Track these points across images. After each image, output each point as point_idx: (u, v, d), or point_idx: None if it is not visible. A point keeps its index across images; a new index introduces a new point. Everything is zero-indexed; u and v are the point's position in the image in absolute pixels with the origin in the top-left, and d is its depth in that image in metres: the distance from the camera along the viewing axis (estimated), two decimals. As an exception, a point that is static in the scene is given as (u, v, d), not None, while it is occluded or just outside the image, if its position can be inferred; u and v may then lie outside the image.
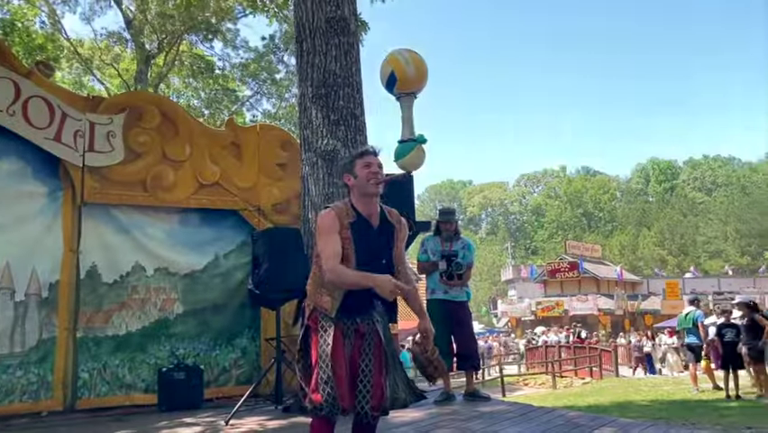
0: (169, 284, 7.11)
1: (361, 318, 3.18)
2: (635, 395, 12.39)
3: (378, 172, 3.24)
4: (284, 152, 7.78)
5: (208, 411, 6.33)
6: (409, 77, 4.28)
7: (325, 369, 3.00)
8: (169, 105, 7.61)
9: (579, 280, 43.38)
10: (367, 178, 3.21)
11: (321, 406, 2.95)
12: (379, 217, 3.30)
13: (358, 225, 3.20)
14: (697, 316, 12.25)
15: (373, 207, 3.28)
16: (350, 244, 3.16)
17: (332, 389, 2.95)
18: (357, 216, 3.23)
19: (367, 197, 3.25)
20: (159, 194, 7.10)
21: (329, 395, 2.95)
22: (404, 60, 4.29)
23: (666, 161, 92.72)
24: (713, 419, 7.34)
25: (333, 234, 3.16)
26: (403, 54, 4.36)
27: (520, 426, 4.92)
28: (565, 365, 23.40)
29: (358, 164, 3.27)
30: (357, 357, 3.12)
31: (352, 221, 3.20)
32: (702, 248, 68.91)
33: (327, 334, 3.09)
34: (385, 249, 3.28)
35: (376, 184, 3.22)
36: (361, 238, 3.18)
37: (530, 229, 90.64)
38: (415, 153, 4.24)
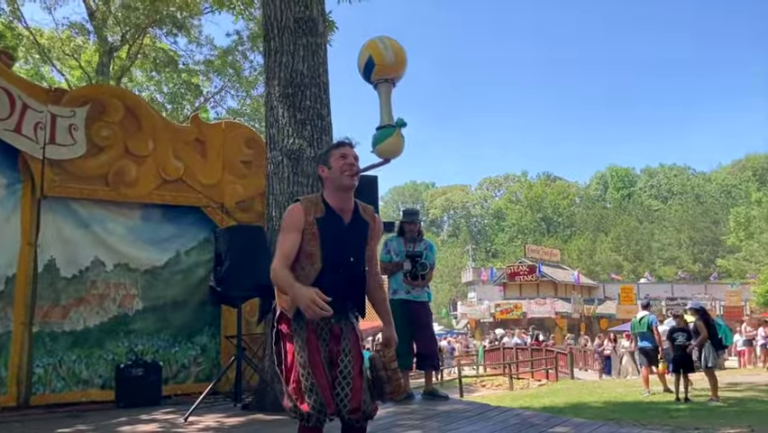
0: (129, 280, 7.04)
1: (336, 319, 3.02)
2: (589, 397, 12.66)
3: (353, 164, 3.11)
4: (249, 149, 7.78)
5: (167, 408, 6.29)
6: (388, 62, 4.27)
7: (308, 377, 2.88)
8: (133, 100, 7.54)
9: (537, 284, 44.06)
10: (342, 169, 3.07)
11: (309, 415, 2.85)
12: (352, 213, 3.15)
13: (327, 221, 3.05)
14: (651, 320, 12.56)
15: (347, 201, 3.13)
16: (315, 241, 3.01)
17: (317, 396, 2.84)
18: (327, 210, 3.08)
19: (341, 190, 3.10)
20: (120, 189, 7.03)
21: (315, 402, 2.84)
22: (383, 46, 4.29)
23: (624, 169, 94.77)
24: (663, 421, 7.58)
25: (291, 233, 3.02)
26: (382, 40, 4.38)
27: (477, 424, 5.03)
28: (522, 367, 23.74)
29: (333, 155, 3.12)
30: (336, 359, 2.99)
31: (320, 216, 3.05)
32: (657, 254, 70.61)
33: (302, 338, 2.96)
34: (356, 247, 3.13)
35: (351, 176, 3.08)
36: (329, 234, 3.03)
37: (491, 232, 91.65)
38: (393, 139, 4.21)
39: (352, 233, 3.12)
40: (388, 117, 5.15)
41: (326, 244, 3.02)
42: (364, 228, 3.18)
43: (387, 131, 5.18)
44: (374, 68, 4.42)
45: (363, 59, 4.62)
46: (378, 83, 5.42)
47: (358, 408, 2.93)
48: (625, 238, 71.53)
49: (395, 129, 4.70)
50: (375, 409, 3.05)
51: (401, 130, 4.69)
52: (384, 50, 4.40)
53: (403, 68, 4.49)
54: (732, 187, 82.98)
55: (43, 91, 7.03)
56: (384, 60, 4.36)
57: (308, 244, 3.01)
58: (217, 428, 5.24)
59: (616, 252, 70.10)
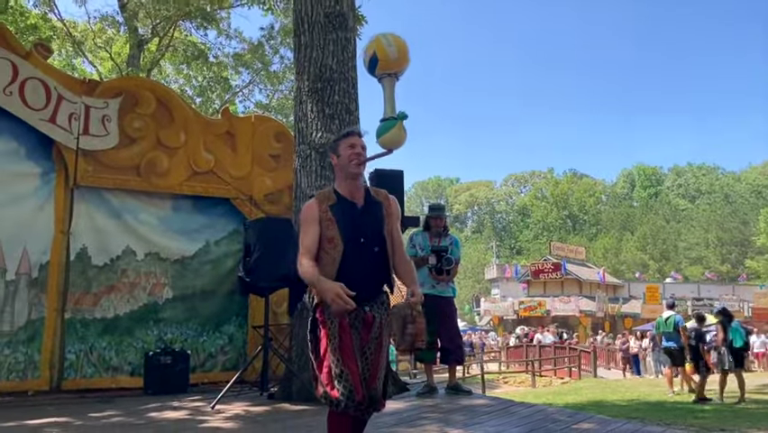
0: (159, 269, 7.18)
1: (369, 306, 3.13)
2: (612, 395, 12.61)
3: (360, 153, 3.25)
4: (278, 143, 7.87)
5: (194, 396, 6.42)
6: (391, 58, 4.42)
7: (338, 363, 2.98)
8: (165, 92, 7.67)
9: (562, 282, 43.73)
10: (349, 158, 3.22)
11: (339, 401, 2.95)
12: (363, 198, 3.28)
13: (340, 206, 3.19)
14: (678, 320, 12.41)
15: (356, 188, 3.27)
16: (333, 225, 3.14)
17: (347, 382, 2.94)
18: (338, 198, 3.22)
19: (349, 178, 3.25)
20: (152, 180, 7.16)
21: (345, 389, 2.94)
22: (386, 42, 4.41)
23: (651, 168, 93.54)
24: (688, 421, 7.53)
25: (310, 226, 3.15)
26: (386, 37, 4.50)
27: (500, 419, 5.05)
28: (546, 365, 23.65)
29: (342, 144, 3.27)
30: (364, 347, 3.10)
31: (332, 203, 3.19)
32: (683, 254, 69.66)
33: (335, 326, 3.04)
34: (373, 226, 3.23)
35: (358, 164, 3.23)
36: (344, 217, 3.16)
37: (515, 229, 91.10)
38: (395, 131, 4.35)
39: (366, 214, 3.23)
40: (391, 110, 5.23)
41: (344, 226, 3.15)
42: (378, 209, 3.28)
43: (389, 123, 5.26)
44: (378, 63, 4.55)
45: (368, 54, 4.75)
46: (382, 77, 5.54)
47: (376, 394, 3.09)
48: (651, 237, 70.66)
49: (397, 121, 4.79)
50: (383, 405, 3.17)
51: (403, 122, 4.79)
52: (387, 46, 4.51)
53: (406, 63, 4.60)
54: (762, 187, 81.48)
55: (78, 82, 7.18)
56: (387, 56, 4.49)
57: (327, 229, 3.14)
58: (244, 416, 5.33)
59: (642, 251, 69.30)
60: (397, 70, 4.66)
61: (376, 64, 4.48)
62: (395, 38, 4.56)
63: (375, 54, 4.39)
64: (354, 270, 3.06)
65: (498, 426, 4.80)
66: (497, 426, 4.79)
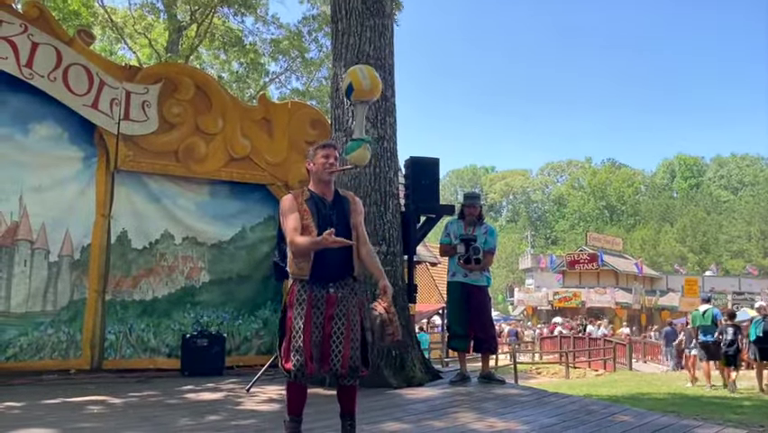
0: (197, 253, 7.29)
1: (335, 286, 3.65)
2: (648, 388, 12.45)
3: (333, 163, 3.79)
4: (314, 130, 7.89)
5: (229, 378, 6.53)
6: (364, 89, 5.10)
7: (297, 339, 3.51)
8: (204, 78, 7.74)
9: (598, 273, 43.17)
10: (323, 167, 3.77)
11: (290, 372, 3.52)
12: (333, 196, 3.85)
13: (313, 201, 3.75)
14: (716, 313, 12.31)
15: (327, 190, 3.83)
16: (308, 215, 3.69)
17: (300, 356, 3.48)
18: (311, 194, 3.79)
19: (321, 182, 3.81)
20: (190, 165, 7.25)
21: (297, 361, 3.48)
22: (361, 75, 5.06)
23: (693, 158, 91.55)
24: (725, 416, 7.39)
25: (291, 213, 3.69)
26: (362, 70, 5.11)
27: (534, 409, 5.03)
28: (580, 357, 23.45)
29: (318, 154, 3.81)
30: (328, 323, 3.59)
31: (306, 198, 3.75)
32: (724, 247, 68.20)
33: (301, 307, 3.57)
34: (339, 218, 3.76)
35: (329, 173, 3.79)
36: (317, 209, 3.72)
37: (551, 219, 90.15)
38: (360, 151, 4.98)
39: (334, 208, 3.80)
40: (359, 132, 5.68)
41: (317, 217, 3.70)
42: (346, 205, 3.86)
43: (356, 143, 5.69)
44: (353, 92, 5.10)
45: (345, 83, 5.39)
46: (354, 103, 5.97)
47: (345, 366, 3.55)
48: (691, 229, 69.24)
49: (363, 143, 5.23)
50: (365, 372, 3.68)
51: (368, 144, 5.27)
52: (362, 78, 5.15)
53: (377, 93, 5.39)
54: (809, 179, 79.17)
55: (119, 68, 7.29)
56: (361, 87, 5.10)
57: (303, 219, 3.69)
58: (278, 400, 5.39)
59: (681, 243, 67.99)
60: (369, 98, 5.34)
61: (351, 92, 5.13)
62: (369, 71, 5.30)
63: (351, 84, 5.18)
64: (326, 254, 3.60)
65: (532, 415, 4.78)
66: (531, 415, 4.78)
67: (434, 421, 4.49)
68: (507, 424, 4.45)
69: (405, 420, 4.49)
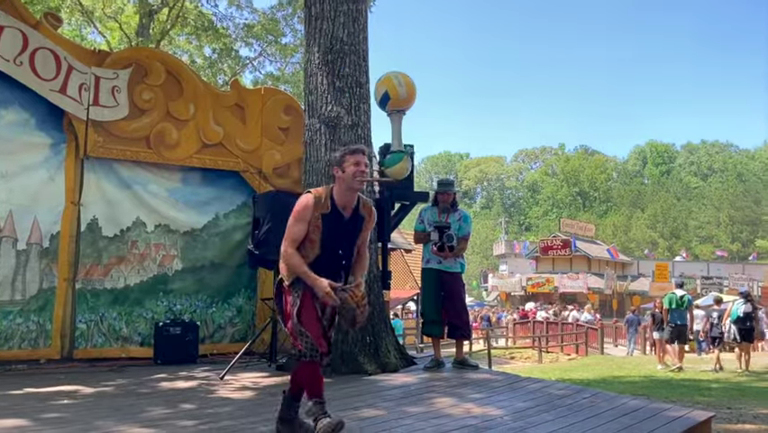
0: (169, 241, 7.21)
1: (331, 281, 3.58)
2: (619, 372, 12.66)
3: (364, 171, 3.66)
4: (287, 116, 7.83)
5: (203, 366, 6.49)
6: (401, 97, 4.81)
7: (297, 325, 3.54)
8: (175, 64, 7.63)
9: (570, 259, 43.68)
10: (354, 175, 3.62)
11: (303, 353, 3.52)
12: (352, 208, 3.73)
13: (330, 217, 3.63)
14: (690, 299, 12.81)
15: (351, 199, 3.71)
16: (318, 232, 3.60)
17: (308, 338, 3.50)
18: (332, 207, 3.65)
19: (350, 191, 3.67)
20: (162, 151, 7.16)
21: (307, 343, 3.50)
22: (397, 82, 4.79)
23: (664, 145, 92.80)
24: (694, 398, 7.55)
25: (301, 223, 3.59)
26: (397, 77, 4.81)
27: (508, 394, 5.08)
28: (552, 341, 23.71)
29: (348, 160, 3.64)
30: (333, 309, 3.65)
31: (325, 212, 3.62)
32: (694, 232, 69.45)
33: (298, 295, 3.58)
34: (349, 238, 3.74)
35: (360, 182, 3.66)
36: (330, 228, 3.62)
37: (525, 205, 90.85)
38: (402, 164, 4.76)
39: (349, 225, 3.72)
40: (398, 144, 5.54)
41: (326, 236, 3.62)
42: (360, 222, 3.78)
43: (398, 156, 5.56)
44: (389, 101, 4.85)
45: (380, 92, 5.13)
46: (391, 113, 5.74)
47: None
48: (662, 215, 70.34)
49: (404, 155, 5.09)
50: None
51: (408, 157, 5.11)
52: (398, 86, 4.86)
53: (413, 101, 4.99)
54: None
55: (88, 53, 7.15)
56: (398, 96, 4.87)
57: (312, 233, 3.60)
58: (252, 387, 5.39)
59: (652, 228, 69.06)
60: (405, 107, 5.03)
61: (387, 101, 4.86)
62: (405, 78, 4.99)
63: (387, 93, 4.79)
64: (321, 267, 3.58)
65: (507, 400, 4.83)
66: (505, 400, 4.83)
67: (410, 407, 4.50)
68: (482, 409, 4.48)
69: (380, 406, 4.50)
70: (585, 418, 4.28)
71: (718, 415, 5.73)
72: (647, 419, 4.32)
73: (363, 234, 3.80)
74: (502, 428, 3.94)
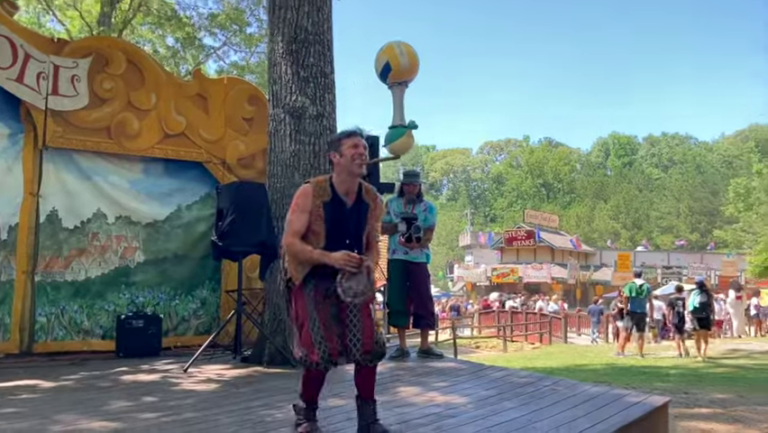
0: (131, 233, 7.11)
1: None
2: (582, 360, 12.89)
3: (363, 154, 3.42)
4: (251, 106, 7.77)
5: (167, 359, 6.42)
6: (403, 68, 4.52)
7: (317, 330, 3.26)
8: (137, 53, 7.49)
9: (534, 249, 44.24)
10: (353, 158, 3.39)
11: (318, 364, 3.24)
12: (355, 195, 3.50)
13: (332, 204, 3.40)
14: (649, 288, 13.21)
15: (353, 185, 3.48)
16: (321, 222, 3.38)
17: (326, 347, 3.22)
18: (333, 195, 3.42)
19: (350, 176, 3.44)
20: (123, 142, 7.04)
21: (324, 353, 3.22)
22: (399, 52, 4.50)
23: (626, 137, 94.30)
24: (653, 385, 7.72)
25: (302, 213, 3.38)
26: (399, 46, 4.55)
27: (472, 382, 5.13)
28: (516, 331, 24.02)
29: (345, 144, 3.42)
30: (345, 311, 3.34)
31: (326, 200, 3.40)
32: (655, 223, 70.84)
33: (310, 297, 3.33)
34: (355, 226, 3.48)
35: (360, 165, 3.41)
36: (333, 217, 3.39)
37: (490, 197, 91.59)
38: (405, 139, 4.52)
39: (353, 214, 3.48)
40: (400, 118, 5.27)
41: (330, 226, 3.39)
42: (365, 210, 3.53)
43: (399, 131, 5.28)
44: (390, 72, 4.61)
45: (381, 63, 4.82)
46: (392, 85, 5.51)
47: (369, 350, 3.32)
48: (624, 206, 71.64)
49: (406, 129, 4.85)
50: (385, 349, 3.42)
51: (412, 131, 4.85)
52: (400, 55, 4.58)
53: (416, 72, 4.69)
54: (734, 157, 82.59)
55: (46, 41, 6.99)
56: (400, 66, 4.57)
57: (315, 223, 3.38)
58: (216, 379, 5.35)
59: (614, 219, 70.29)
60: (408, 79, 4.75)
61: (388, 72, 4.60)
62: (407, 48, 4.66)
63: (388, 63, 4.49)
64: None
65: (471, 388, 4.88)
66: (469, 388, 4.88)
67: (376, 396, 4.52)
68: (446, 397, 4.52)
69: (345, 396, 4.51)
70: (547, 405, 4.35)
71: (675, 400, 5.88)
72: (607, 404, 4.40)
73: (370, 223, 3.55)
74: (465, 416, 3.98)
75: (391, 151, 4.56)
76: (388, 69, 4.54)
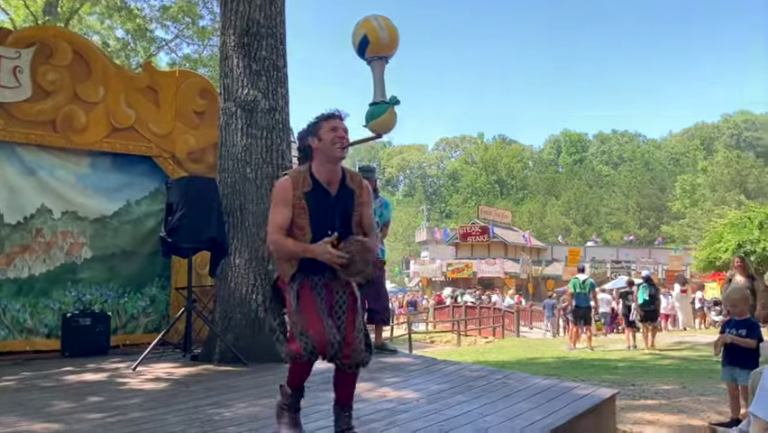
0: (78, 229, 6.91)
1: (328, 276, 3.19)
2: (533, 353, 13.10)
3: (343, 137, 3.21)
4: (202, 99, 7.63)
5: (114, 358, 6.27)
6: (382, 41, 4.31)
7: (298, 323, 3.10)
8: (83, 44, 7.28)
9: (488, 244, 44.75)
10: (333, 141, 3.18)
11: (301, 355, 3.04)
12: (339, 183, 3.27)
13: (314, 194, 3.20)
14: (593, 283, 13.60)
15: (334, 172, 3.26)
16: (305, 214, 3.18)
17: (307, 339, 3.02)
18: (314, 184, 3.21)
19: (330, 162, 3.23)
20: (69, 135, 6.83)
21: (306, 344, 3.01)
22: (377, 25, 4.29)
23: (577, 134, 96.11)
24: (601, 377, 7.88)
25: (283, 207, 3.19)
26: (377, 19, 4.35)
27: (425, 377, 5.16)
28: (470, 325, 24.27)
29: (324, 127, 3.21)
30: (332, 310, 3.19)
31: (307, 190, 3.19)
32: (605, 219, 72.42)
33: (295, 291, 3.17)
34: (343, 216, 3.25)
35: (341, 148, 3.20)
36: (316, 207, 3.19)
37: (446, 193, 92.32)
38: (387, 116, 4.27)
39: (338, 203, 3.25)
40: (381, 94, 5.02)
41: (314, 217, 3.19)
42: (350, 197, 3.29)
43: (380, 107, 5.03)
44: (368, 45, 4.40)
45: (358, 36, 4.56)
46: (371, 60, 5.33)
47: (349, 355, 3.14)
48: (575, 202, 73.07)
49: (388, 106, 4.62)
50: (367, 360, 3.23)
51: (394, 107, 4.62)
52: (379, 29, 4.37)
53: (396, 46, 4.48)
54: (680, 155, 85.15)
55: (-14, 30, 6.73)
56: (379, 39, 4.35)
57: (299, 217, 3.19)
58: (166, 377, 5.25)
59: (565, 215, 71.64)
60: (388, 54, 4.55)
61: (366, 46, 4.39)
62: (386, 21, 4.46)
63: (366, 37, 4.28)
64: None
65: (423, 383, 4.90)
66: (421, 383, 4.90)
67: (327, 393, 4.48)
68: (398, 393, 4.53)
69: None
70: (498, 398, 4.40)
71: (623, 392, 6.00)
72: (557, 397, 4.47)
73: (359, 210, 3.31)
74: (417, 411, 3.99)
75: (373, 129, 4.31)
76: (366, 43, 4.33)
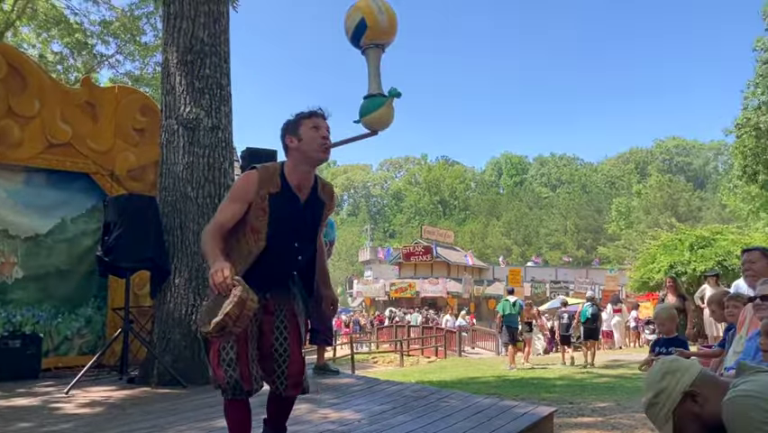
0: (8, 247, 6.66)
1: (272, 294, 2.90)
2: (475, 372, 13.20)
3: (327, 137, 2.90)
4: (143, 116, 7.51)
5: (47, 381, 6.05)
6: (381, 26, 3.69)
7: (228, 350, 2.77)
8: (18, 57, 7.07)
9: (431, 264, 45.10)
10: (314, 141, 2.86)
11: (225, 389, 2.80)
12: (309, 191, 2.98)
13: (281, 198, 2.86)
14: (522, 303, 14.50)
15: (308, 177, 2.96)
16: (265, 217, 2.82)
17: (233, 371, 2.75)
18: (283, 186, 2.88)
19: (308, 164, 2.92)
20: (3, 150, 6.60)
21: (231, 378, 2.75)
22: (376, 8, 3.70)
23: (518, 157, 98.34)
24: (540, 395, 8.01)
25: (235, 204, 2.84)
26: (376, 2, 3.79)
27: (366, 397, 5.15)
28: (413, 345, 24.34)
29: (305, 125, 2.88)
30: (269, 334, 2.89)
31: (274, 191, 2.85)
32: (544, 239, 74.02)
33: None
34: (307, 227, 2.97)
35: (325, 150, 2.90)
36: (280, 213, 2.85)
37: (389, 213, 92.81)
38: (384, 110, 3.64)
39: (305, 212, 2.95)
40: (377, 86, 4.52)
41: (275, 224, 2.84)
42: (320, 208, 3.02)
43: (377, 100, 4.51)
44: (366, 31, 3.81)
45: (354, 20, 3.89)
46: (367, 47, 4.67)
47: (298, 384, 2.94)
48: (515, 223, 74.51)
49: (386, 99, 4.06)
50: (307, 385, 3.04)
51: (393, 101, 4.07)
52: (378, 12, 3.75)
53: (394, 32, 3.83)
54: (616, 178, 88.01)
55: None
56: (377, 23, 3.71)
57: (257, 218, 2.83)
58: (101, 401, 5.09)
59: (506, 236, 72.92)
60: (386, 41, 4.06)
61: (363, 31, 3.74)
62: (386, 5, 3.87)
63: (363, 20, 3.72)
64: (269, 267, 2.83)
65: (365, 404, 4.89)
66: (363, 404, 4.89)
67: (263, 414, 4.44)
68: (339, 414, 4.51)
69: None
70: (440, 417, 4.43)
71: (560, 409, 6.12)
72: (497, 415, 4.53)
73: (323, 225, 3.10)
74: (359, 432, 3.98)
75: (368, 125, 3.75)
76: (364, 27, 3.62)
